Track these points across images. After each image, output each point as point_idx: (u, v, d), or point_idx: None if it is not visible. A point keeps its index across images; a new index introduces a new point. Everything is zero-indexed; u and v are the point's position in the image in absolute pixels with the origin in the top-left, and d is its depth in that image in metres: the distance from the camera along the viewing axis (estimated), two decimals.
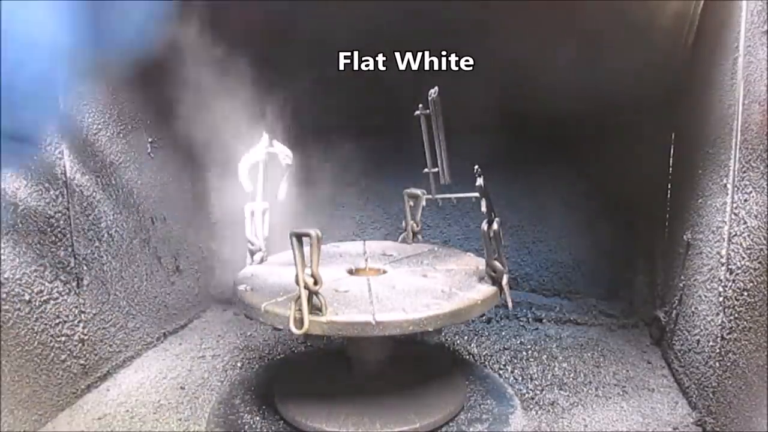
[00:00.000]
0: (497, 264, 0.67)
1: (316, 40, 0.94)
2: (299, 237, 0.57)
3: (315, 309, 0.58)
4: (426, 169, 0.82)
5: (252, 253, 0.78)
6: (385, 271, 0.76)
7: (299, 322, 0.57)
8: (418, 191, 0.85)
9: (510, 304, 0.67)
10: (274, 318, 0.61)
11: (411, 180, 0.88)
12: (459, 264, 0.79)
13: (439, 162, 0.80)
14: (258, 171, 0.79)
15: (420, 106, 0.79)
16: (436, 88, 0.76)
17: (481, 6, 0.83)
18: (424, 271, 0.75)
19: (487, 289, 0.67)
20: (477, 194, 0.66)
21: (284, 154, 0.81)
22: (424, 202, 0.85)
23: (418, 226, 0.88)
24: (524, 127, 1.07)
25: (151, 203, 1.00)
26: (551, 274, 1.18)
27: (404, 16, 0.87)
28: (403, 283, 0.70)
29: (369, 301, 0.63)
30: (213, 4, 0.87)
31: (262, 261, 0.79)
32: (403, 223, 0.88)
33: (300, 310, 0.57)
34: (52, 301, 0.74)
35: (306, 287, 0.56)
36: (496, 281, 0.68)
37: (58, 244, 0.76)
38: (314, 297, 0.58)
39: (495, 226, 0.64)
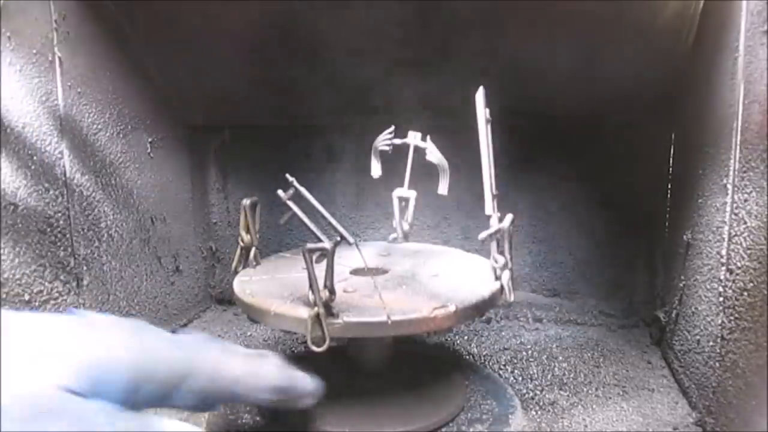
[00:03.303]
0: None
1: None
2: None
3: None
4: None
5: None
6: (386, 271, 0.76)
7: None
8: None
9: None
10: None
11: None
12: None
13: (485, 184, 0.68)
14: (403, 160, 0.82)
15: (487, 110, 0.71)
16: (481, 88, 0.67)
17: (480, 5, 0.83)
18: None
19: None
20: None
21: (429, 150, 0.81)
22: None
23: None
24: (523, 127, 1.07)
25: (151, 203, 1.00)
26: (551, 274, 1.18)
27: (402, 15, 0.87)
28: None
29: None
30: None
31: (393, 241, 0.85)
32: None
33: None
34: (52, 301, 0.74)
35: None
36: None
37: (58, 244, 0.76)
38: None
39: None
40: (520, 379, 0.86)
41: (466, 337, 1.01)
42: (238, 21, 0.90)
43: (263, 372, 0.50)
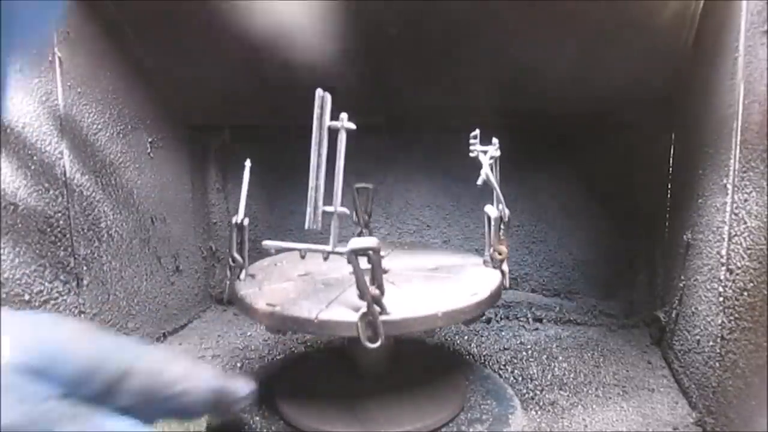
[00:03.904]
0: None
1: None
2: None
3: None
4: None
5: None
6: (386, 271, 0.76)
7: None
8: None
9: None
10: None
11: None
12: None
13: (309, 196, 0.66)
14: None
15: None
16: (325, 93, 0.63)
17: (479, 4, 0.83)
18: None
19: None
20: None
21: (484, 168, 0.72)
22: None
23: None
24: (523, 127, 1.07)
25: (151, 203, 1.00)
26: (551, 274, 1.18)
27: (402, 15, 0.87)
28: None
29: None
30: None
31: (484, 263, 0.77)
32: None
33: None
34: (51, 301, 0.74)
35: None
36: None
37: (58, 244, 0.76)
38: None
39: None
40: (520, 379, 0.86)
41: (466, 337, 1.01)
42: (238, 21, 0.90)
43: (201, 373, 0.50)
